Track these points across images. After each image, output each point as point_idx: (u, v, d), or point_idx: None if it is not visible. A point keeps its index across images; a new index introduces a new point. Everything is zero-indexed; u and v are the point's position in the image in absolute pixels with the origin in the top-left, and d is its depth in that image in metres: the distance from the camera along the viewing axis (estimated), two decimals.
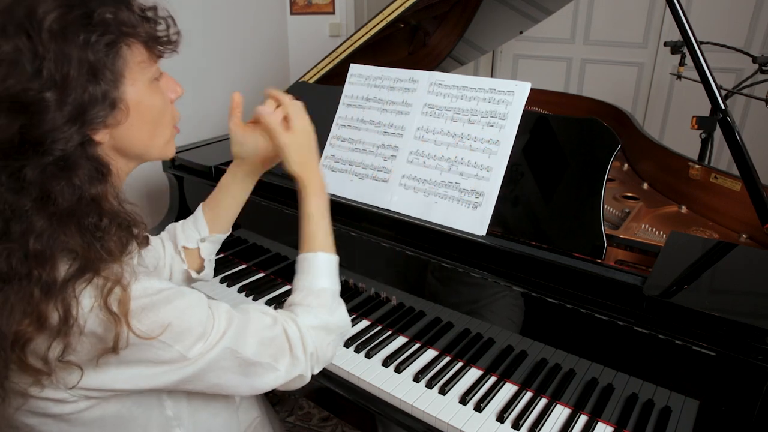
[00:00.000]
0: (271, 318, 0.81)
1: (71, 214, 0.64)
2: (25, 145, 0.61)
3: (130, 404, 0.74)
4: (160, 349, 0.67)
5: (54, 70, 0.60)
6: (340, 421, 1.98)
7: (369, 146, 1.29)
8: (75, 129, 0.63)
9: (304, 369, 0.83)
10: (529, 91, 1.12)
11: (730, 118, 1.08)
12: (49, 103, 0.60)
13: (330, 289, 0.90)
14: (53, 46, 0.60)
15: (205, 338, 0.71)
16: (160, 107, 0.74)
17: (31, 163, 0.62)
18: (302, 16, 2.97)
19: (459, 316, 1.15)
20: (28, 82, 0.60)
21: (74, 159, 0.64)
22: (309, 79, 1.76)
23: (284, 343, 0.81)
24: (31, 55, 0.60)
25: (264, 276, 1.48)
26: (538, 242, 1.07)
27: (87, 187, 0.64)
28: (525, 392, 1.07)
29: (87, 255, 0.64)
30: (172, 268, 1.07)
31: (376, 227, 1.15)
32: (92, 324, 0.63)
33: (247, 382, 0.78)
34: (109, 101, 0.65)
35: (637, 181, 1.57)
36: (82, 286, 0.63)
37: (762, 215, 1.04)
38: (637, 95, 3.31)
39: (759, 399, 0.83)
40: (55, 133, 0.61)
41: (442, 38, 2.15)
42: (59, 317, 0.61)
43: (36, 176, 0.62)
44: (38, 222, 0.62)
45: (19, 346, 0.61)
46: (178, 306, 0.69)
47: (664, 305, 0.88)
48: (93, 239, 0.65)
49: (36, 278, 0.61)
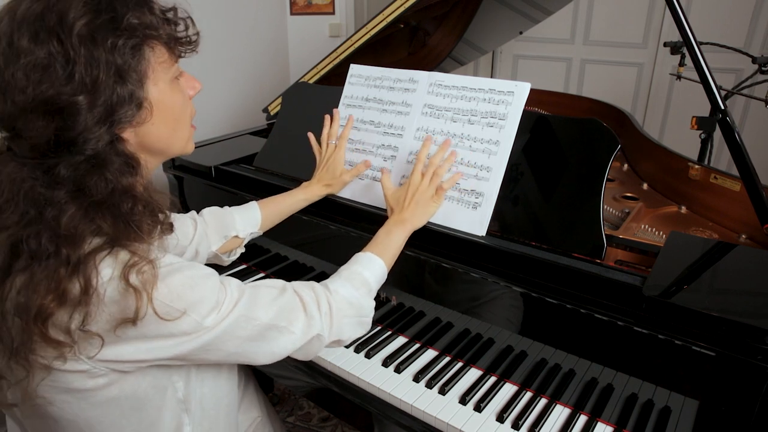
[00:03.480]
0: (279, 287, 0.86)
1: (105, 204, 0.68)
2: (59, 145, 0.65)
3: (146, 385, 0.77)
4: (177, 319, 0.70)
5: (85, 74, 0.64)
6: (340, 421, 1.98)
7: (369, 146, 1.29)
8: (105, 129, 0.66)
9: (320, 328, 0.86)
10: (528, 91, 1.12)
11: (730, 119, 1.08)
12: (81, 106, 0.64)
13: (365, 276, 0.96)
14: (83, 50, 0.64)
15: (218, 307, 0.74)
16: (180, 104, 0.78)
17: (65, 161, 0.66)
18: (302, 16, 2.98)
19: (459, 316, 1.15)
20: (61, 86, 0.63)
21: (105, 156, 0.68)
22: (309, 80, 1.76)
23: (297, 303, 0.85)
24: (63, 59, 0.63)
25: (264, 276, 1.48)
26: (538, 242, 1.07)
27: (119, 180, 0.69)
28: (525, 392, 1.07)
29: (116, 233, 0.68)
30: (198, 249, 1.13)
31: (376, 227, 1.14)
32: (111, 293, 0.66)
33: (265, 347, 0.81)
34: (136, 101, 0.69)
35: (637, 181, 1.57)
36: (103, 254, 0.66)
37: (762, 215, 1.04)
38: (636, 95, 3.31)
39: (759, 399, 0.83)
40: (87, 133, 0.65)
41: (442, 38, 2.15)
42: (80, 288, 0.64)
43: (69, 173, 0.66)
44: (71, 209, 0.66)
45: (41, 320, 0.64)
46: (192, 275, 0.72)
47: (663, 305, 0.88)
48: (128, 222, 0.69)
49: (64, 257, 0.64)
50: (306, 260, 1.40)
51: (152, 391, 0.78)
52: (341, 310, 0.90)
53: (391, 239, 1.03)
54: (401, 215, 1.06)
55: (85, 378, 0.70)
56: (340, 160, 1.25)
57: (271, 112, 1.90)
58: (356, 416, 1.25)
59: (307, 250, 1.39)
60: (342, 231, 1.27)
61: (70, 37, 0.63)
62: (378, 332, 1.24)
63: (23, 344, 0.65)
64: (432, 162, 1.08)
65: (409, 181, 1.08)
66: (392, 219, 1.06)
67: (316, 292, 0.88)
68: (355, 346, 1.19)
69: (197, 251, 1.12)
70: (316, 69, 1.76)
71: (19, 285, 0.65)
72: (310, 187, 1.25)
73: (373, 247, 1.02)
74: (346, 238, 1.27)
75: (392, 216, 1.07)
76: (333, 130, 1.27)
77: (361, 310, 0.94)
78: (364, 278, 0.96)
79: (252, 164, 1.49)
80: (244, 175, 1.44)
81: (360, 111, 1.33)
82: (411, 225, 1.06)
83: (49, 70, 0.63)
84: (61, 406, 0.73)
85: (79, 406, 0.73)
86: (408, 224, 1.05)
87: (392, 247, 1.03)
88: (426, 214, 1.08)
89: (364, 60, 1.44)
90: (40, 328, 0.64)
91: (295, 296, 0.85)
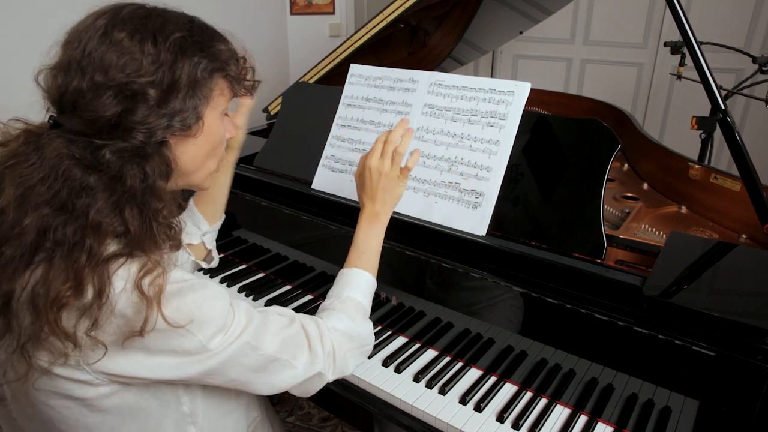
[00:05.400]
0: (288, 317, 0.86)
1: (136, 198, 0.71)
2: (117, 128, 0.69)
3: (149, 396, 0.77)
4: (182, 337, 0.70)
5: (166, 74, 0.70)
6: (340, 421, 1.98)
7: (369, 146, 1.28)
8: (162, 127, 0.71)
9: (323, 367, 0.86)
10: (529, 91, 1.12)
11: (730, 119, 1.08)
12: (151, 98, 0.69)
13: (357, 300, 0.96)
14: (171, 56, 0.71)
15: (225, 330, 0.74)
16: (221, 136, 0.84)
17: (113, 145, 0.69)
18: (302, 16, 2.98)
19: (459, 316, 1.15)
20: (141, 76, 0.68)
21: (150, 152, 0.71)
22: (309, 79, 1.76)
23: (303, 339, 0.85)
24: (152, 58, 0.69)
25: (264, 276, 1.48)
26: (538, 242, 1.07)
27: (156, 178, 0.72)
28: (525, 392, 1.07)
29: (138, 235, 0.70)
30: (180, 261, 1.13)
31: None
32: (122, 305, 0.67)
33: (266, 379, 0.81)
34: (196, 115, 0.75)
35: (637, 181, 1.57)
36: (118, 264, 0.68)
37: (762, 215, 1.04)
38: (637, 95, 3.31)
39: (759, 399, 0.83)
40: (145, 125, 0.69)
41: (442, 38, 2.15)
42: (94, 292, 0.66)
43: (113, 158, 0.69)
44: (103, 199, 0.68)
45: (56, 307, 0.65)
46: (203, 295, 0.73)
47: (663, 305, 0.88)
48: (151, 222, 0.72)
49: (87, 246, 0.67)
50: (306, 260, 1.40)
51: (156, 403, 0.78)
52: (342, 346, 0.90)
53: (371, 243, 1.02)
54: (373, 208, 1.03)
55: (86, 387, 0.71)
56: None
57: (271, 112, 1.90)
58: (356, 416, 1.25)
59: (307, 250, 1.39)
60: (342, 231, 1.27)
61: (165, 42, 0.70)
62: (378, 332, 1.24)
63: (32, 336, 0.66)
64: (390, 140, 1.02)
65: (369, 167, 1.02)
66: (365, 216, 1.04)
67: (320, 329, 0.88)
68: None
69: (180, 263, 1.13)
70: (316, 69, 1.76)
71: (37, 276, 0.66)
72: None
73: (356, 258, 1.01)
74: (346, 238, 1.26)
75: (364, 211, 1.04)
76: None
77: (361, 340, 0.95)
78: (357, 303, 0.96)
79: (252, 164, 1.49)
80: (244, 175, 1.44)
81: (360, 111, 1.33)
82: (385, 216, 1.04)
83: (137, 61, 0.68)
84: (61, 410, 0.73)
85: (80, 412, 0.74)
86: (382, 217, 1.04)
87: (374, 251, 1.03)
88: (395, 197, 1.04)
89: (365, 60, 1.44)
90: (54, 315, 0.65)
91: (302, 331, 0.86)
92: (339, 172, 1.32)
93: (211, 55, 0.75)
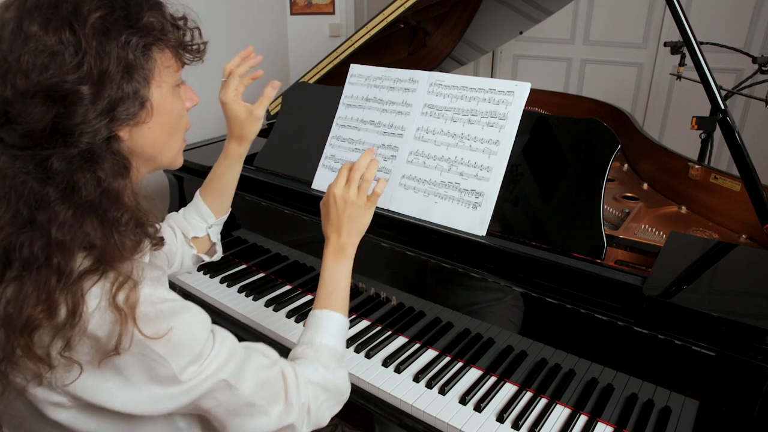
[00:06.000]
0: (271, 359, 0.81)
1: (94, 207, 0.66)
2: (55, 134, 0.63)
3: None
4: (155, 361, 0.66)
5: (93, 65, 0.63)
6: (340, 421, 1.98)
7: (369, 146, 1.29)
8: (104, 123, 0.65)
9: (296, 419, 0.81)
10: (529, 91, 1.12)
11: (730, 119, 1.08)
12: (84, 95, 0.63)
13: (331, 347, 0.91)
14: (95, 42, 0.63)
15: (200, 361, 0.69)
16: (178, 112, 0.77)
17: (58, 153, 0.64)
18: (302, 16, 2.97)
19: (459, 316, 1.15)
20: (68, 74, 0.62)
21: (99, 152, 0.66)
22: (309, 79, 1.76)
23: (280, 386, 0.80)
24: (74, 48, 0.62)
25: (264, 276, 1.48)
26: (538, 242, 1.07)
27: (110, 181, 0.66)
28: (525, 392, 1.07)
29: (105, 248, 0.65)
30: (183, 254, 1.12)
31: (376, 227, 1.14)
32: (94, 326, 0.63)
33: (237, 422, 0.76)
34: (139, 100, 0.68)
35: (637, 181, 1.57)
36: (92, 282, 0.64)
37: (762, 215, 1.04)
38: (637, 95, 3.31)
39: (759, 399, 0.83)
40: (85, 125, 0.64)
41: (442, 38, 2.15)
42: (67, 311, 0.62)
43: (62, 166, 0.64)
44: (62, 212, 0.64)
45: (27, 331, 0.62)
46: (182, 320, 0.69)
47: (663, 305, 0.88)
48: (112, 233, 0.66)
49: (55, 266, 0.63)
50: (306, 260, 1.40)
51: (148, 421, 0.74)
52: (318, 398, 0.85)
53: (340, 281, 0.96)
54: (338, 240, 0.97)
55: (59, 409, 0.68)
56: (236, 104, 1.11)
57: (271, 112, 1.90)
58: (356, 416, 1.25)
59: (307, 250, 1.39)
60: None
61: (84, 27, 0.63)
62: (378, 332, 1.24)
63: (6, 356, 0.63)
64: (356, 167, 0.97)
65: (334, 195, 0.96)
66: (330, 251, 0.97)
67: (298, 379, 0.82)
68: (355, 346, 1.19)
69: (183, 259, 1.11)
70: (316, 69, 1.76)
71: (9, 295, 0.63)
72: (227, 149, 1.14)
73: (325, 299, 0.95)
74: None
75: (329, 245, 0.98)
76: (230, 63, 1.13)
77: (337, 390, 0.89)
78: (330, 349, 0.90)
79: (252, 164, 1.49)
80: (245, 175, 1.43)
81: (360, 111, 1.33)
82: (351, 249, 0.98)
83: (58, 57, 0.62)
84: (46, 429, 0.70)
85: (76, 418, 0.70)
86: (348, 250, 0.98)
87: (343, 289, 0.96)
88: (361, 227, 0.99)
89: (365, 60, 1.44)
90: (25, 339, 0.62)
91: (281, 376, 0.80)
92: None
93: (142, 29, 0.67)
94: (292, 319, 1.30)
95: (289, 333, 1.25)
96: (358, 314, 1.29)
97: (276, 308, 1.33)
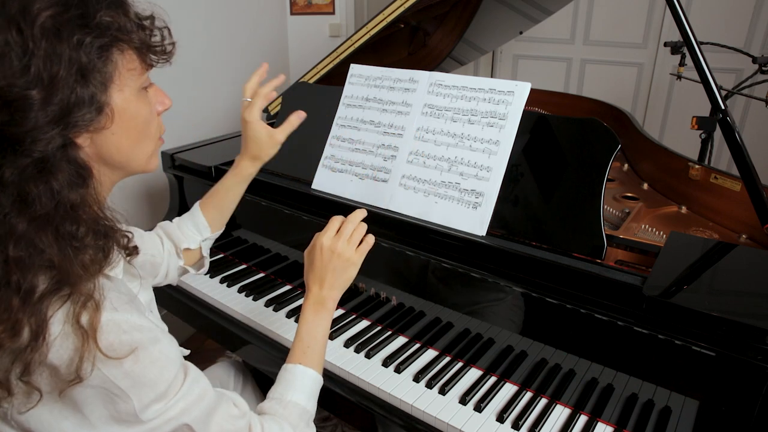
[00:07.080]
0: (241, 410, 0.78)
1: (49, 220, 0.61)
2: (3, 143, 0.59)
3: None
4: (117, 396, 0.62)
5: (42, 68, 0.58)
6: (340, 421, 1.98)
7: (369, 146, 1.29)
8: (58, 130, 0.61)
9: None
10: (529, 91, 1.12)
11: (730, 119, 1.08)
12: (33, 101, 0.58)
13: (301, 405, 0.87)
14: (44, 43, 0.58)
15: (165, 400, 0.66)
16: (145, 117, 0.73)
17: (9, 162, 0.59)
18: (302, 16, 2.97)
19: (459, 316, 1.15)
20: (14, 77, 0.58)
21: (54, 161, 0.61)
22: (309, 79, 1.76)
23: None
24: (21, 50, 0.58)
25: (264, 276, 1.48)
26: (538, 242, 1.07)
27: (66, 192, 0.62)
28: (525, 392, 1.07)
29: (63, 266, 0.61)
30: (168, 265, 1.10)
31: (376, 227, 1.14)
32: (54, 354, 0.60)
33: None
34: (96, 105, 0.64)
35: (637, 181, 1.57)
36: (57, 304, 0.61)
37: (762, 215, 1.04)
38: (637, 95, 3.31)
39: (759, 399, 0.83)
40: (36, 132, 0.59)
41: (442, 38, 2.15)
42: (30, 333, 0.59)
43: (14, 177, 0.59)
44: (18, 226, 0.60)
45: None
46: (149, 353, 0.65)
47: (663, 305, 0.88)
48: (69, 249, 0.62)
49: (15, 285, 0.59)
50: None
51: None
52: None
53: (317, 335, 0.93)
54: (320, 292, 0.94)
55: None
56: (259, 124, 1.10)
57: (271, 112, 1.90)
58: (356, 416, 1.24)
59: None
60: None
61: (32, 27, 0.58)
62: (378, 332, 1.24)
63: None
64: (350, 220, 0.96)
65: (321, 245, 0.94)
66: (311, 302, 0.94)
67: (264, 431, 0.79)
68: (355, 346, 1.19)
69: (168, 270, 1.09)
70: (316, 69, 1.76)
71: None
72: (238, 166, 1.13)
73: (300, 353, 0.91)
74: None
75: (309, 296, 0.95)
76: (250, 83, 1.11)
77: None
78: (300, 408, 0.86)
79: None
80: None
81: (360, 111, 1.33)
82: (332, 302, 0.95)
83: (3, 59, 0.57)
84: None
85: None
86: (329, 303, 0.95)
87: (320, 343, 0.93)
88: (345, 281, 0.96)
89: (365, 60, 1.44)
90: None
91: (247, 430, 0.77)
92: (339, 172, 1.32)
93: (98, 29, 0.62)
94: (292, 319, 1.30)
95: (288, 333, 1.25)
96: (358, 314, 1.29)
97: (276, 308, 1.33)
